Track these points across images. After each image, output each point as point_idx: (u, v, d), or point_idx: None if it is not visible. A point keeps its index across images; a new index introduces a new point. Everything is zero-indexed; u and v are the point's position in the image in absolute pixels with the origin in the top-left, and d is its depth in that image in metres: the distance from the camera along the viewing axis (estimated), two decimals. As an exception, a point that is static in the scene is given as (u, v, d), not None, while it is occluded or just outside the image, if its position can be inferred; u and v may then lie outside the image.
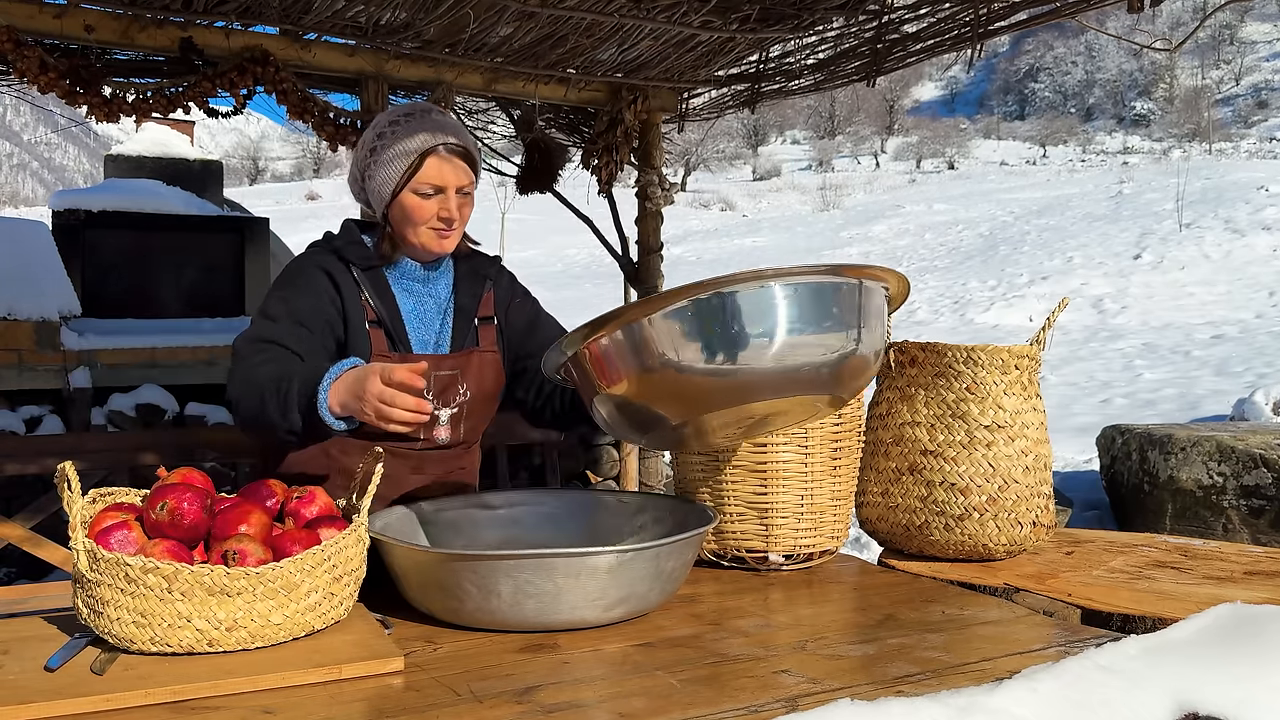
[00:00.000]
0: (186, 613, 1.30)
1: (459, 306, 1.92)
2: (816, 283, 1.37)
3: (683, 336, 1.36)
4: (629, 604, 1.47)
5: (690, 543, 1.52)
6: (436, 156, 1.78)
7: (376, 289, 1.83)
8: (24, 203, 70.16)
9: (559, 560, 1.40)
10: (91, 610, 1.32)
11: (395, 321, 1.83)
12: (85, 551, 1.32)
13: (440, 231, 1.81)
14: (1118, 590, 1.71)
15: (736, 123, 53.77)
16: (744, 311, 1.34)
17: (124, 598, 1.30)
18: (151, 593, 1.29)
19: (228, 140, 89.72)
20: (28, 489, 4.59)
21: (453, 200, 1.80)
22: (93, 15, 3.86)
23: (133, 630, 1.30)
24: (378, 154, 1.80)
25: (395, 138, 1.78)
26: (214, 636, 1.31)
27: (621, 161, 5.18)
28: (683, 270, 22.09)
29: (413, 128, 1.78)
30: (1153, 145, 52.53)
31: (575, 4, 3.92)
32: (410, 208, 1.78)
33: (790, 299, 1.35)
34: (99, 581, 1.30)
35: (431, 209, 1.79)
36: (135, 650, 1.31)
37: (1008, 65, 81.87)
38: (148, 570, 1.29)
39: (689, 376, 1.37)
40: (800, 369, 1.38)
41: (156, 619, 1.30)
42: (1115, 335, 13.96)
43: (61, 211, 6.35)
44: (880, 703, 1.10)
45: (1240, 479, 5.21)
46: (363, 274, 1.82)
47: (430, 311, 1.90)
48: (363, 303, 1.81)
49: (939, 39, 4.33)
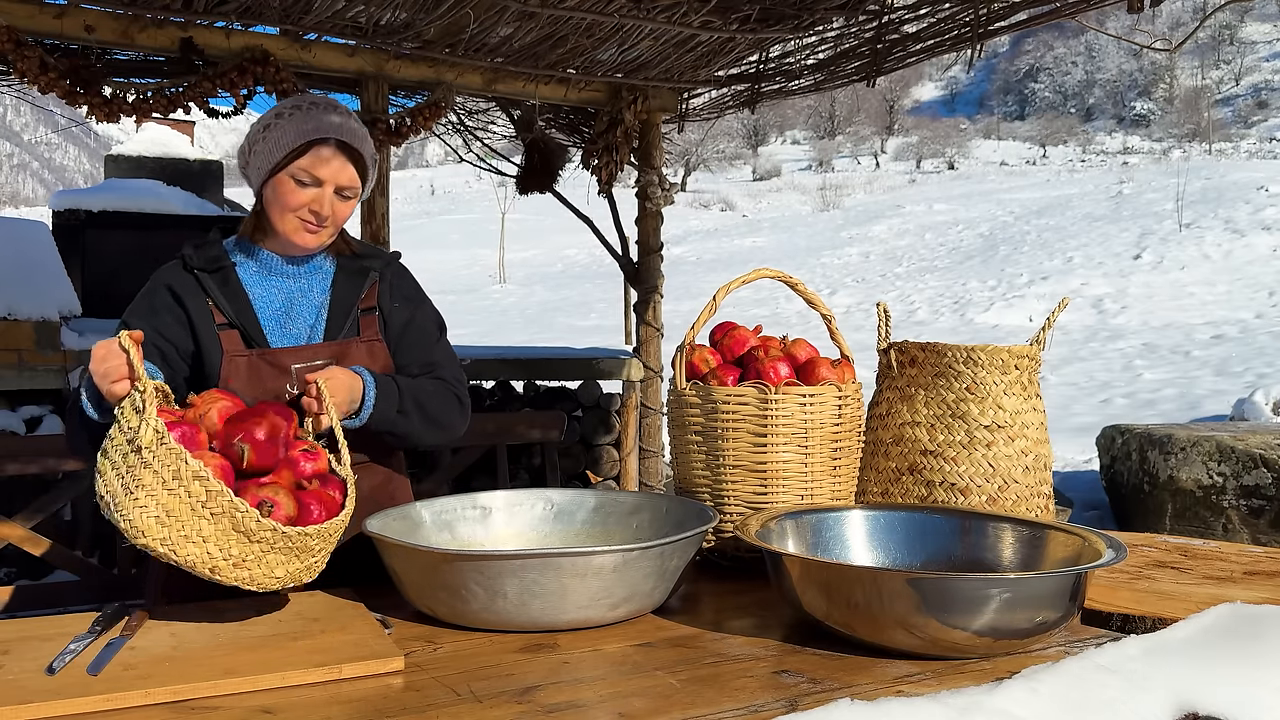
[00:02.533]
0: (207, 533, 1.31)
1: (335, 298, 1.84)
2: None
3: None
4: (633, 603, 1.48)
5: (692, 541, 1.52)
6: (325, 148, 1.73)
7: (225, 289, 1.78)
8: (24, 203, 70.18)
9: (564, 560, 1.40)
10: (123, 486, 1.32)
11: (247, 319, 1.77)
12: (153, 429, 1.32)
13: (307, 225, 1.75)
14: (1118, 590, 1.71)
15: (736, 123, 53.77)
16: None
17: (161, 490, 1.31)
18: (189, 499, 1.30)
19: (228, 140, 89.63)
20: (28, 489, 4.59)
21: (328, 197, 1.75)
22: (93, 15, 3.86)
23: (151, 524, 1.31)
24: (270, 130, 1.75)
25: (292, 119, 1.74)
26: (218, 564, 1.33)
27: (621, 161, 5.18)
28: (683, 270, 22.11)
29: (313, 115, 1.75)
30: (1153, 145, 52.54)
31: (575, 4, 3.92)
32: (283, 191, 1.74)
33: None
34: (148, 464, 1.31)
35: (303, 199, 1.74)
36: (139, 544, 1.32)
37: (1008, 65, 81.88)
38: (199, 477, 1.31)
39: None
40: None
41: (177, 524, 1.31)
42: (1115, 335, 13.97)
43: (61, 211, 6.35)
44: (880, 703, 1.10)
45: (1240, 479, 5.21)
46: (209, 276, 1.78)
47: (300, 306, 1.83)
48: (210, 307, 1.76)
49: (939, 39, 4.34)
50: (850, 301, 17.90)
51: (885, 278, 20.47)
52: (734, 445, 1.80)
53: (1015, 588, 1.33)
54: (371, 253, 1.93)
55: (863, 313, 16.57)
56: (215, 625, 1.44)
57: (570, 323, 17.63)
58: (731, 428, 1.79)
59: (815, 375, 1.83)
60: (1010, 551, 1.62)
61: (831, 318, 1.93)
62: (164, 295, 1.78)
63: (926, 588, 1.31)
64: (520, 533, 1.80)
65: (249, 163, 1.80)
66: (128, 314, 1.79)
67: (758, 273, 1.88)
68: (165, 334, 1.76)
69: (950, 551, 1.66)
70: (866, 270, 21.60)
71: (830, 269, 22.20)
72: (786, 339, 1.94)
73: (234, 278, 1.80)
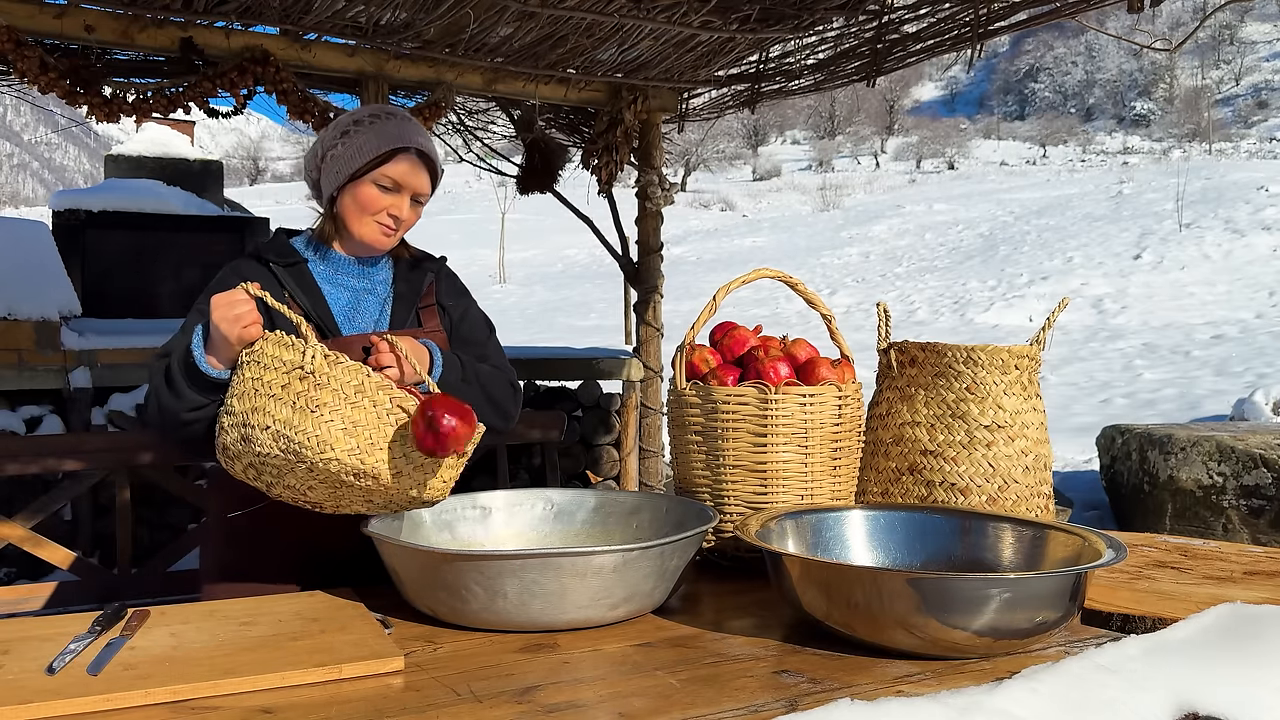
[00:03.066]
0: (393, 438, 1.45)
1: (398, 294, 1.92)
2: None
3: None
4: (633, 603, 1.48)
5: (692, 541, 1.52)
6: (407, 156, 1.81)
7: (301, 284, 1.83)
8: (24, 203, 70.17)
9: (564, 559, 1.40)
10: (296, 410, 1.44)
11: (323, 314, 1.82)
12: (322, 353, 1.46)
13: (385, 228, 1.83)
14: (1118, 590, 1.71)
15: (736, 123, 53.75)
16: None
17: (345, 405, 1.44)
18: (374, 409, 1.44)
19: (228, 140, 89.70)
20: (28, 489, 4.58)
21: (405, 202, 1.83)
22: (93, 15, 3.86)
23: (339, 435, 1.44)
24: (350, 137, 1.81)
25: (372, 127, 1.81)
26: (400, 469, 1.48)
27: (621, 161, 5.18)
28: (683, 270, 22.11)
29: (393, 124, 1.82)
30: (1153, 145, 52.54)
31: (575, 4, 3.92)
32: (365, 197, 1.80)
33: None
34: (324, 384, 1.43)
35: (384, 203, 1.81)
36: (322, 459, 1.44)
37: (1008, 65, 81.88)
38: (382, 387, 1.45)
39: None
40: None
41: (364, 433, 1.42)
42: (1115, 335, 13.97)
43: (61, 211, 6.35)
44: (880, 703, 1.10)
45: (1240, 479, 5.21)
46: (284, 271, 1.83)
47: (367, 304, 1.90)
48: (286, 299, 1.81)
49: (939, 39, 4.34)
50: (850, 301, 17.91)
51: (885, 278, 20.47)
52: (734, 445, 1.80)
53: (1015, 588, 1.33)
54: (424, 255, 2.01)
55: (863, 313, 16.57)
56: (215, 625, 1.44)
57: (570, 323, 17.63)
58: (731, 428, 1.79)
59: (815, 375, 1.83)
60: (1010, 551, 1.62)
61: (831, 318, 1.93)
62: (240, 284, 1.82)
63: (926, 588, 1.32)
64: (520, 533, 1.80)
65: (320, 168, 1.86)
66: (199, 308, 1.80)
67: (758, 273, 1.88)
68: None
69: (950, 551, 1.66)
70: (866, 270, 21.60)
71: (830, 269, 22.20)
72: (786, 339, 1.94)
73: (307, 273, 1.86)
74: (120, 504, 2.89)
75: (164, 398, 1.65)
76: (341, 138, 1.82)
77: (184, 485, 3.24)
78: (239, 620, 1.47)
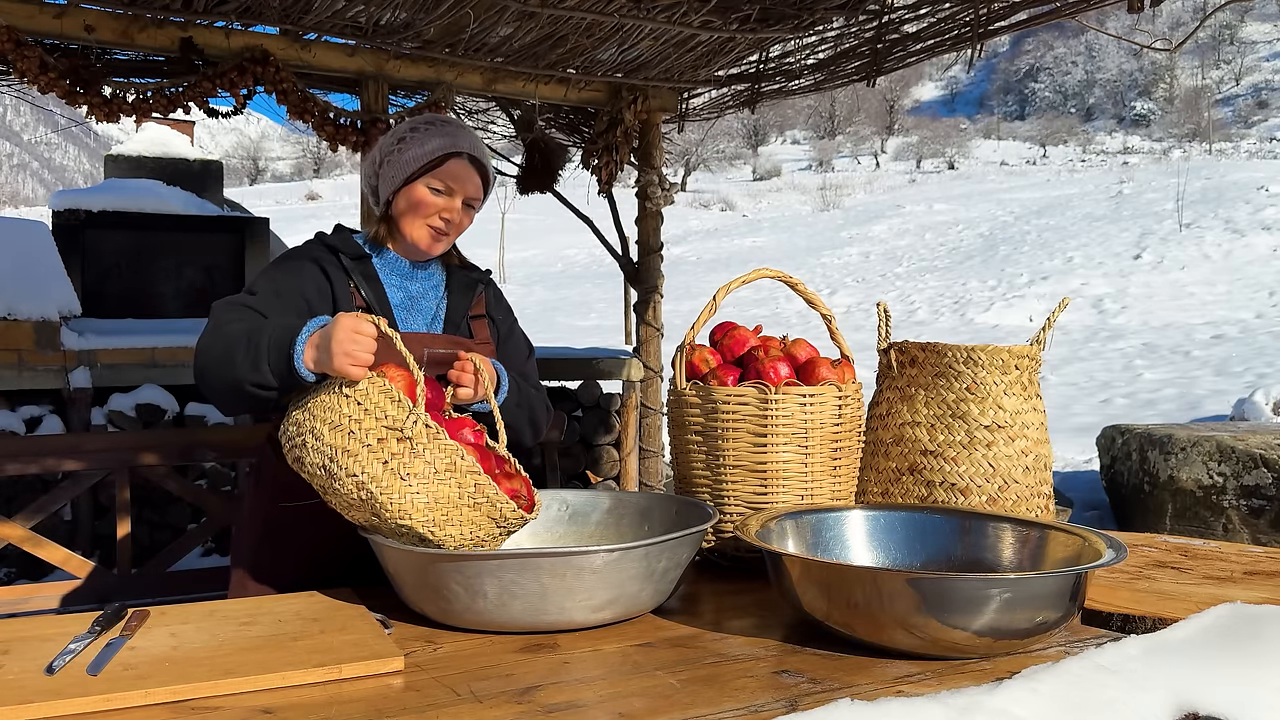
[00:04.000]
0: (467, 517, 1.48)
1: (451, 304, 1.97)
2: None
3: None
4: (619, 605, 1.46)
5: (684, 542, 1.51)
6: (461, 160, 1.87)
7: (365, 277, 1.88)
8: (24, 203, 70.15)
9: (544, 560, 1.39)
10: (389, 470, 1.45)
11: (384, 308, 1.88)
12: (424, 424, 1.47)
13: (436, 232, 1.88)
14: (1118, 590, 1.71)
15: (736, 123, 53.75)
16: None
17: (433, 479, 1.46)
18: (458, 489, 1.46)
19: (228, 140, 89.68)
20: (28, 489, 4.59)
21: (458, 206, 1.87)
22: (93, 15, 3.86)
23: (421, 507, 1.45)
24: (407, 142, 1.87)
25: (429, 133, 1.87)
26: (464, 544, 1.50)
27: (621, 161, 5.18)
28: (683, 270, 22.11)
29: (449, 130, 1.89)
30: (1153, 145, 52.51)
31: (575, 4, 3.92)
32: (418, 199, 1.85)
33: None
34: (419, 454, 1.45)
35: (437, 206, 1.86)
36: (400, 523, 1.46)
37: (1008, 65, 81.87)
38: (472, 472, 1.47)
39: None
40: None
41: (442, 509, 1.46)
42: (1115, 335, 13.97)
43: (61, 211, 6.34)
44: (880, 703, 1.10)
45: (1240, 479, 5.21)
46: (352, 262, 1.88)
47: (420, 305, 1.95)
48: (351, 289, 1.86)
49: (939, 39, 4.33)
50: (850, 301, 17.90)
51: (885, 278, 20.47)
52: (734, 445, 1.80)
53: (1015, 588, 1.33)
54: (473, 266, 2.07)
55: (863, 313, 16.57)
56: (215, 625, 1.44)
57: (570, 323, 17.62)
58: (731, 428, 1.79)
59: (815, 375, 1.83)
60: (1010, 551, 1.62)
61: (831, 318, 1.93)
62: (311, 267, 1.86)
63: (926, 588, 1.31)
64: (535, 533, 1.81)
65: (379, 173, 1.91)
66: (269, 275, 1.84)
67: (758, 273, 1.88)
68: (306, 296, 1.83)
69: (950, 551, 1.66)
70: (866, 270, 21.59)
71: (830, 269, 22.19)
72: (786, 339, 1.94)
73: (371, 268, 1.91)
74: (120, 504, 2.89)
75: (238, 356, 1.61)
76: (398, 144, 1.88)
77: (184, 485, 3.24)
78: (239, 620, 1.47)
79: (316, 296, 1.83)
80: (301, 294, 1.82)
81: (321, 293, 1.84)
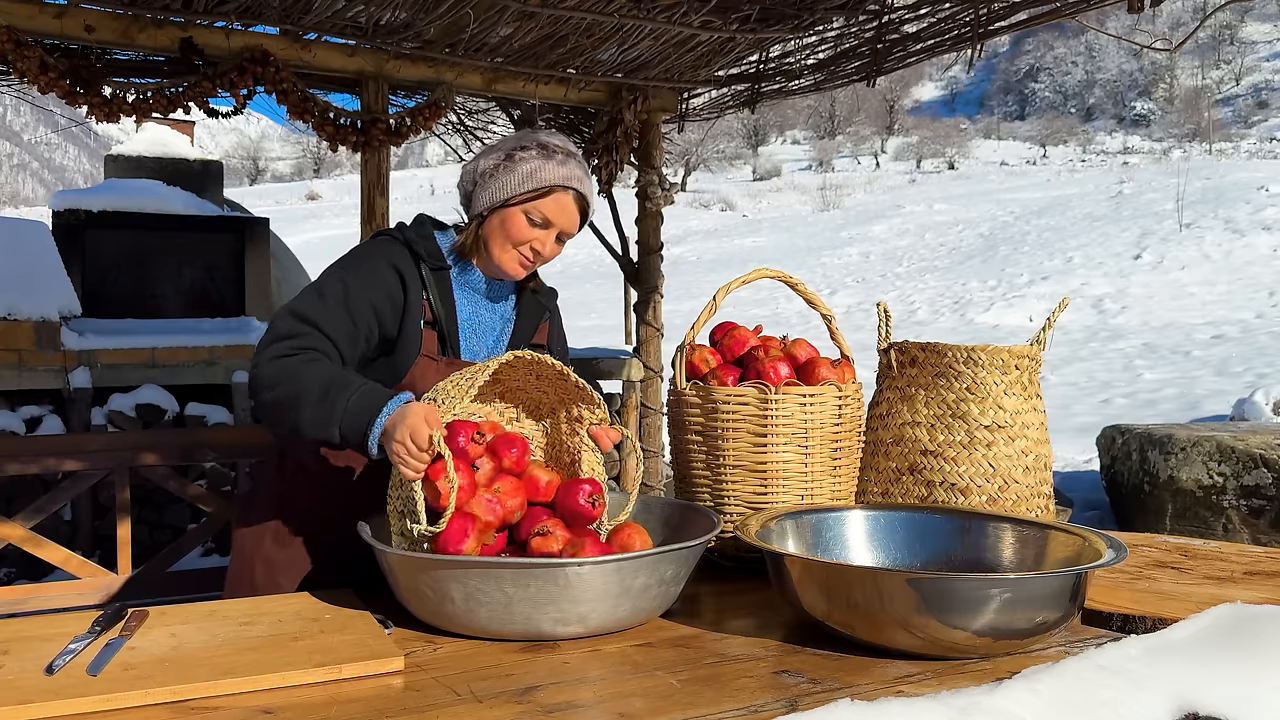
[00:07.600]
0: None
1: (518, 329, 1.93)
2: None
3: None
4: (590, 621, 1.40)
5: (667, 558, 1.44)
6: (566, 195, 1.80)
7: (440, 291, 1.83)
8: (24, 203, 70.17)
9: (505, 571, 1.36)
10: (403, 536, 1.50)
11: (451, 325, 1.83)
12: (426, 540, 1.48)
13: (524, 260, 1.81)
14: (1118, 590, 1.71)
15: (736, 123, 53.70)
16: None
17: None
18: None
19: (228, 140, 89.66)
20: (28, 489, 4.59)
21: (551, 238, 1.81)
22: (93, 15, 3.86)
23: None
24: (515, 162, 1.79)
25: (539, 158, 1.79)
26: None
27: (621, 161, 5.18)
28: (683, 270, 22.10)
29: (561, 161, 1.80)
30: (1153, 145, 52.48)
31: (575, 4, 3.92)
32: (513, 225, 1.79)
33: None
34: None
35: (530, 235, 1.79)
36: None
37: (1008, 65, 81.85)
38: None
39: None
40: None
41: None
42: (1115, 335, 13.97)
43: (61, 211, 6.34)
44: (880, 703, 1.10)
45: (1240, 479, 5.21)
46: (430, 274, 1.82)
47: (487, 324, 1.90)
48: (423, 302, 1.81)
49: (939, 39, 4.34)
50: (850, 301, 17.90)
51: (885, 278, 20.47)
52: (734, 445, 1.80)
53: (1015, 588, 1.33)
54: (543, 289, 2.01)
55: (863, 313, 16.57)
56: (215, 625, 1.44)
57: (570, 323, 17.40)
58: (731, 428, 1.79)
59: (815, 375, 1.83)
60: (1010, 551, 1.62)
61: (831, 318, 1.93)
62: (388, 272, 1.79)
63: (926, 588, 1.31)
64: None
65: (477, 183, 1.84)
66: (343, 276, 1.76)
67: (758, 273, 1.88)
68: (378, 310, 1.76)
69: (950, 551, 1.66)
70: (866, 270, 21.59)
71: (830, 269, 22.19)
72: (786, 339, 1.94)
73: (448, 282, 1.85)
74: (120, 504, 2.89)
75: (306, 407, 1.57)
76: (505, 160, 1.80)
77: (184, 485, 3.24)
78: (239, 620, 1.47)
79: (388, 309, 1.77)
80: (373, 308, 1.75)
81: (394, 303, 1.77)
